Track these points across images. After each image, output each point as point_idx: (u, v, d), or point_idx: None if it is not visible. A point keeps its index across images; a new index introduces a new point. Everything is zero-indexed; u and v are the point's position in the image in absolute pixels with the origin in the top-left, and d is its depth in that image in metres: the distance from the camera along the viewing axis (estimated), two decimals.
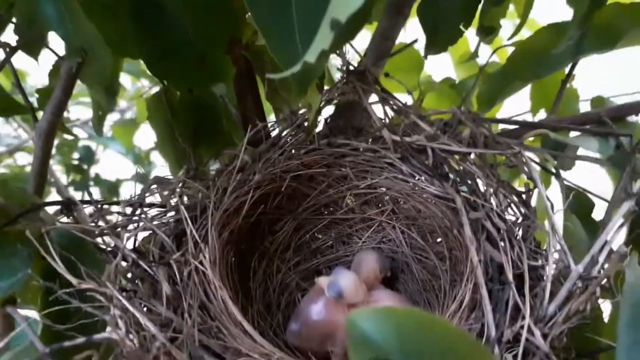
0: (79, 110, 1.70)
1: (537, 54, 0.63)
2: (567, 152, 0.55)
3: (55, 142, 1.81)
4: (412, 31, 0.77)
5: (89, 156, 1.77)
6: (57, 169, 1.64)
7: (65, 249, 0.48)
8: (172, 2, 0.50)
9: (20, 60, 0.71)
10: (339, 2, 0.28)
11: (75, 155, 1.75)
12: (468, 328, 0.45)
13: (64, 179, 1.68)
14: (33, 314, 0.50)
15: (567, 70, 0.67)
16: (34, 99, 0.74)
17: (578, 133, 0.57)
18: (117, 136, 1.74)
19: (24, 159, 1.69)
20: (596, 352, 0.47)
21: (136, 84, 1.62)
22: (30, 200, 0.58)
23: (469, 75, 0.93)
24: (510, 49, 0.68)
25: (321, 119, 0.66)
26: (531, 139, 0.61)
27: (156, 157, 1.79)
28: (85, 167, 1.76)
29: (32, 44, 0.64)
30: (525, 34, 0.75)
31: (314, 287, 0.58)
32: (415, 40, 0.76)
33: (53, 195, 1.42)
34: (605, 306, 0.52)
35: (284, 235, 0.65)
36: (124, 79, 1.57)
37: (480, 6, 0.58)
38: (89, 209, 0.52)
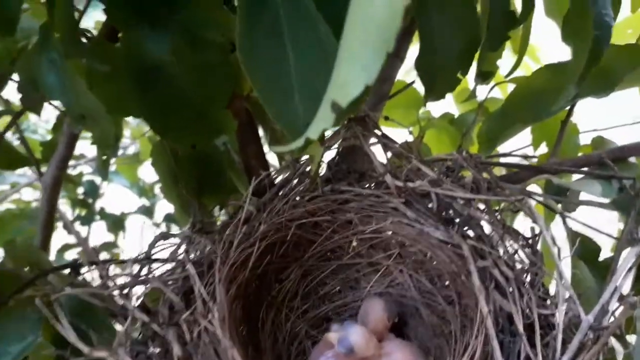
0: (83, 145, 1.71)
1: (536, 95, 0.63)
2: (571, 197, 0.56)
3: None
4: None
5: (93, 190, 1.78)
6: (62, 201, 1.65)
7: (75, 314, 0.48)
8: (170, 65, 0.50)
9: None
10: (338, 84, 0.28)
11: (80, 189, 1.76)
12: None
13: (69, 213, 1.69)
14: None
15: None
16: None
17: (581, 175, 0.57)
18: (121, 171, 1.75)
19: (29, 194, 1.69)
20: None
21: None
22: (38, 259, 0.58)
23: (468, 110, 0.94)
24: (509, 85, 0.69)
25: (323, 163, 0.67)
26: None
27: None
28: (90, 201, 1.76)
29: (35, 101, 0.65)
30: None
31: (323, 340, 0.57)
32: (412, 82, 0.77)
33: (59, 231, 1.42)
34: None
35: (291, 283, 0.64)
36: None
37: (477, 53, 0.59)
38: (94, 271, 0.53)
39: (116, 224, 1.77)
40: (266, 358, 0.58)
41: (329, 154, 0.71)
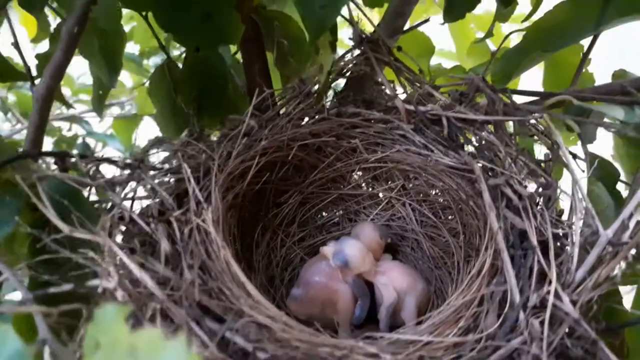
0: (79, 108, 1.68)
1: (556, 28, 0.60)
2: (592, 119, 0.53)
3: (54, 138, 1.78)
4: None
5: (87, 153, 1.74)
6: None
7: (59, 202, 0.44)
8: None
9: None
10: None
11: (74, 152, 1.73)
12: (490, 294, 0.42)
13: None
14: None
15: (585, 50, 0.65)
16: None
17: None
18: (117, 132, 1.72)
19: None
20: (624, 325, 0.44)
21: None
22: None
23: (480, 64, 0.91)
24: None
25: (330, 92, 0.64)
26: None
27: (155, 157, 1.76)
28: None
29: (35, 1, 0.62)
30: None
31: (318, 254, 0.55)
32: (427, 20, 0.74)
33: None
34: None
35: (289, 208, 0.61)
36: (122, 74, 1.55)
37: None
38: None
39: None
40: (258, 278, 0.55)
41: (337, 86, 0.69)
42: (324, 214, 0.64)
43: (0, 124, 1.67)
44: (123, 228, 0.46)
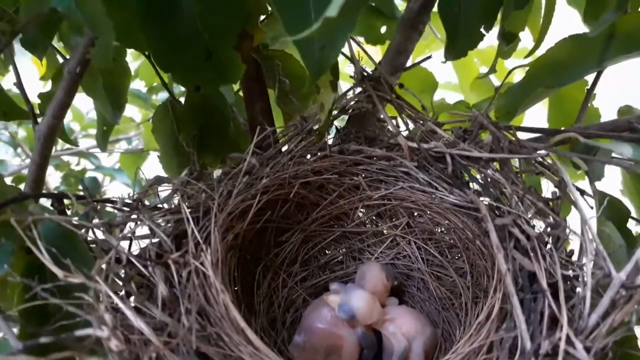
0: (88, 143, 1.70)
1: (558, 63, 0.60)
2: (599, 156, 0.52)
3: (62, 172, 1.77)
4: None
5: (95, 187, 1.75)
6: None
7: (54, 245, 0.43)
8: None
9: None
10: None
11: (80, 187, 1.73)
12: (499, 340, 0.40)
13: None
14: None
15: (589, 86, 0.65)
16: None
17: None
18: (124, 166, 1.72)
19: None
20: None
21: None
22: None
23: (484, 99, 0.91)
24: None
25: (332, 130, 0.63)
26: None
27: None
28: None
29: (36, 42, 0.62)
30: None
31: (320, 300, 0.53)
32: (430, 56, 0.74)
33: None
34: None
35: (291, 247, 0.60)
36: (131, 109, 1.57)
37: (501, 11, 0.56)
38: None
39: None
40: (259, 321, 0.53)
41: (339, 123, 0.68)
42: (327, 252, 0.63)
43: (10, 159, 1.68)
44: (120, 271, 0.44)
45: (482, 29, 0.55)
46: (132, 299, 0.43)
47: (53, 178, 1.65)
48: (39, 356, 0.34)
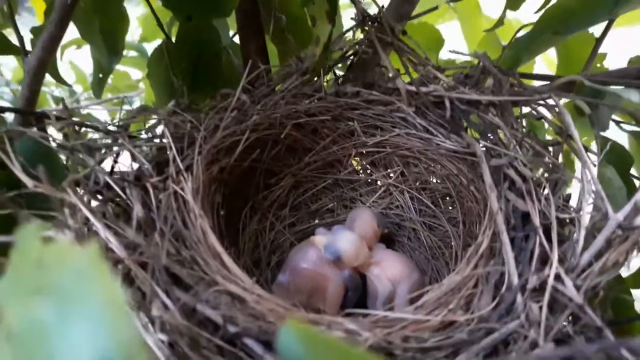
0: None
1: (568, 12, 0.57)
2: (606, 101, 0.49)
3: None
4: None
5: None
6: None
7: (30, 162, 0.42)
8: None
9: None
10: None
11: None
12: (485, 275, 0.38)
13: None
14: None
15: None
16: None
17: None
18: None
19: None
20: (632, 319, 0.40)
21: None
22: None
23: (493, 58, 0.88)
24: None
25: (331, 77, 0.61)
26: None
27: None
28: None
29: None
30: None
31: (307, 241, 0.51)
32: (436, 7, 0.71)
33: None
34: None
35: (281, 191, 0.58)
36: (135, 72, 1.54)
37: None
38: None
39: None
40: (243, 259, 0.52)
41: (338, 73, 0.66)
42: (318, 199, 0.61)
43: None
44: (97, 192, 0.43)
45: None
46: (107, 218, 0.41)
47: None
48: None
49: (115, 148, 0.46)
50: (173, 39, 0.65)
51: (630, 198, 0.40)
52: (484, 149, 0.49)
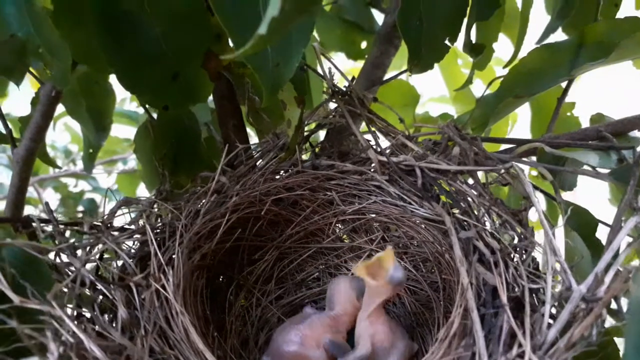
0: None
1: (531, 73, 0.60)
2: (567, 167, 0.51)
3: (60, 195, 1.79)
4: None
5: (92, 208, 1.76)
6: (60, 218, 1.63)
7: (17, 269, 0.44)
8: (143, 12, 0.48)
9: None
10: None
11: (80, 208, 1.75)
12: (457, 358, 0.39)
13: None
14: None
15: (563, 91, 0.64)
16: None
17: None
18: (120, 187, 1.74)
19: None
20: None
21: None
22: None
23: (468, 111, 0.91)
24: None
25: (308, 146, 0.63)
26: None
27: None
28: None
29: (13, 68, 0.63)
30: None
31: (294, 316, 0.52)
32: (406, 70, 0.74)
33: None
34: None
35: (266, 265, 0.60)
36: (126, 131, 1.57)
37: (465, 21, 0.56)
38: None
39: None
40: (230, 341, 0.53)
41: (317, 137, 0.68)
42: (303, 269, 0.62)
43: (7, 181, 1.70)
44: (83, 294, 0.45)
45: (446, 41, 0.55)
46: (94, 322, 0.43)
47: (52, 200, 1.67)
48: None
49: (99, 246, 0.48)
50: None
51: (595, 263, 0.42)
52: (455, 218, 0.50)
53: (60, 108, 0.74)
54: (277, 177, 0.58)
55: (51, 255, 0.49)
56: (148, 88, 0.53)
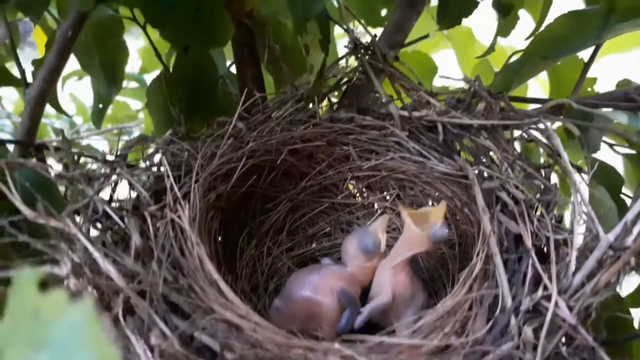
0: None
1: (557, 38, 0.59)
2: (595, 124, 0.50)
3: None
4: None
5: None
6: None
7: (29, 191, 0.43)
8: None
9: None
10: None
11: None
12: (479, 298, 0.38)
13: None
14: None
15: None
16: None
17: None
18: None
19: None
20: (629, 338, 0.40)
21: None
22: None
23: (486, 85, 0.90)
24: None
25: (326, 102, 0.62)
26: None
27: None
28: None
29: (31, 4, 0.62)
30: None
31: (308, 266, 0.52)
32: (427, 35, 0.73)
33: None
34: None
35: (278, 216, 0.59)
36: (134, 103, 1.56)
37: None
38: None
39: None
40: (240, 285, 0.52)
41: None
42: (315, 221, 0.61)
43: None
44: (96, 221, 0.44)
45: None
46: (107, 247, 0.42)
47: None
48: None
49: (113, 177, 0.47)
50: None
51: (622, 218, 0.41)
52: (476, 172, 0.50)
53: (68, 69, 0.73)
54: (294, 127, 0.57)
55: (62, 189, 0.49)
56: (171, 26, 0.52)
